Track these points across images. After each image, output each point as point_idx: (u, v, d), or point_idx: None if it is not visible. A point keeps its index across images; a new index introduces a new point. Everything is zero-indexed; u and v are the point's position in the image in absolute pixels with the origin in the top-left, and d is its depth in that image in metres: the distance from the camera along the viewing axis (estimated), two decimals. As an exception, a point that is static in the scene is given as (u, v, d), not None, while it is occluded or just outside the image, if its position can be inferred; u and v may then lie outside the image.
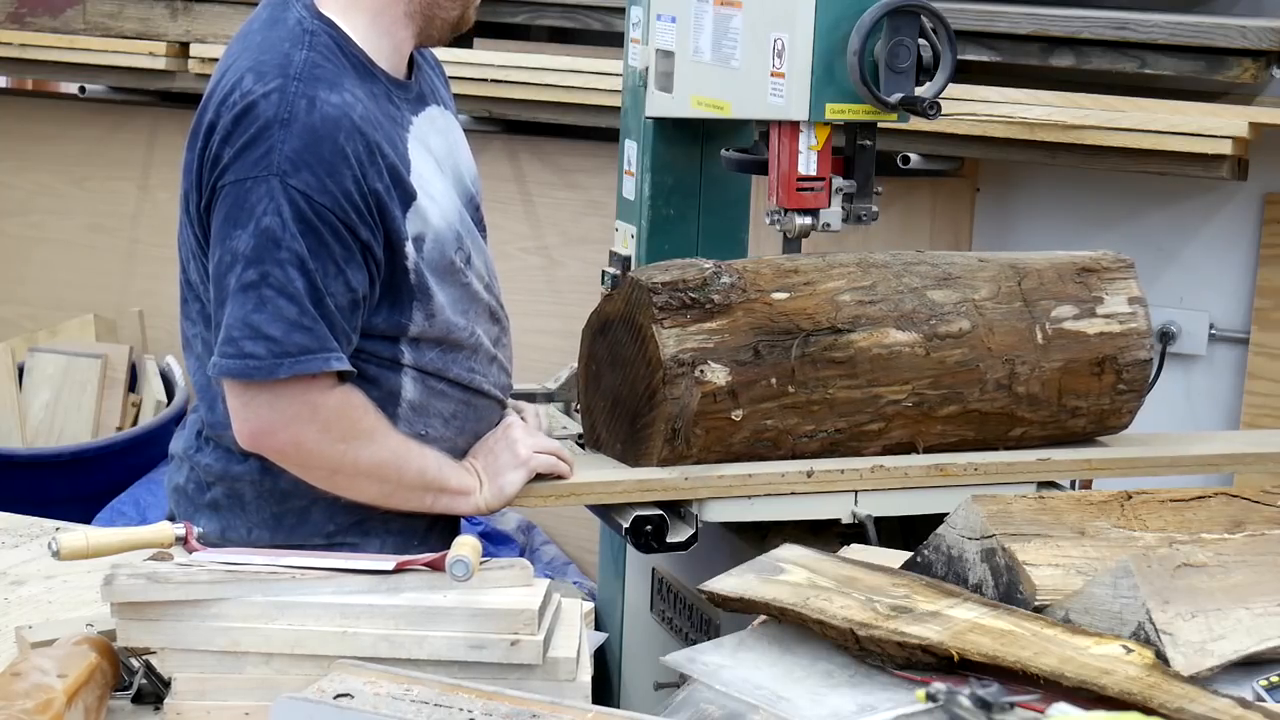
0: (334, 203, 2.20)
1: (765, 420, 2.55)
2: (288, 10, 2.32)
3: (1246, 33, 3.47)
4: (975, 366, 2.66)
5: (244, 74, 2.24)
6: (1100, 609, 1.79)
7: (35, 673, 1.70)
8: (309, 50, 2.26)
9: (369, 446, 2.29)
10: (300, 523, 2.36)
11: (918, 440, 2.66)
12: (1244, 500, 2.10)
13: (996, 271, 2.73)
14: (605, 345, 2.61)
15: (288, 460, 2.29)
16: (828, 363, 2.57)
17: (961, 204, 4.01)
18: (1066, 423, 2.75)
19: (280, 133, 2.19)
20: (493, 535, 4.06)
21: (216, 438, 2.38)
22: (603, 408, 2.63)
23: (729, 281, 2.54)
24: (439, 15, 2.39)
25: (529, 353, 4.12)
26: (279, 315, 2.18)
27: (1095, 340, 2.73)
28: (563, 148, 4.27)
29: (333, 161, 2.20)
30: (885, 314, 2.61)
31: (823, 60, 2.69)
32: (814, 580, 1.90)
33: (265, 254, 2.18)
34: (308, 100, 2.20)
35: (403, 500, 2.36)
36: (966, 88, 3.58)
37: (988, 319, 2.67)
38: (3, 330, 4.89)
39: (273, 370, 2.19)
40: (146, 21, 4.47)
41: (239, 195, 2.19)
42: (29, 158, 4.93)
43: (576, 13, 4.10)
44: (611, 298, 2.60)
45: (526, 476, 2.44)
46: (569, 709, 1.65)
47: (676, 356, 2.48)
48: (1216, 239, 3.82)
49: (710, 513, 2.53)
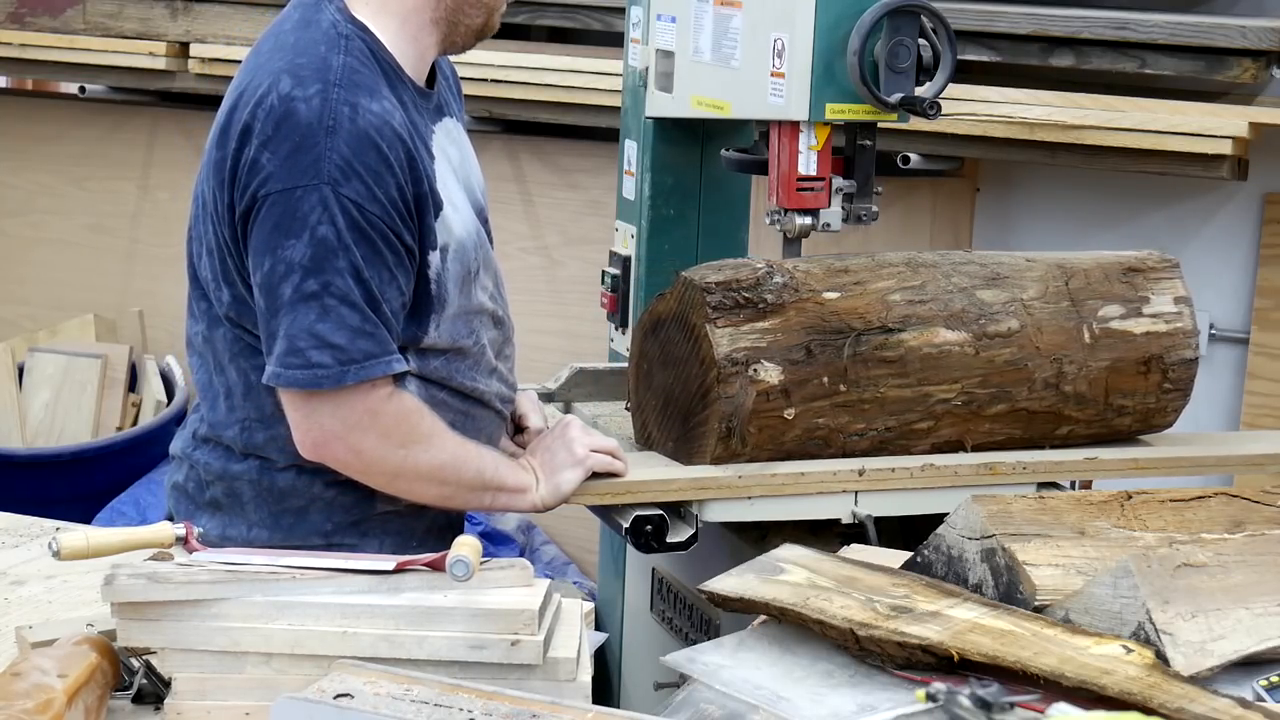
0: (383, 211, 2.21)
1: (817, 419, 2.56)
2: (320, 12, 2.30)
3: (1246, 33, 3.47)
4: (1024, 366, 2.67)
5: (280, 75, 2.23)
6: (1100, 609, 1.79)
7: (35, 673, 1.70)
8: (346, 55, 2.24)
9: (428, 450, 2.30)
10: (298, 521, 2.36)
11: (966, 439, 2.68)
12: (1244, 500, 2.10)
13: (1044, 271, 2.74)
14: (657, 344, 2.62)
15: (350, 468, 2.29)
16: (879, 362, 2.58)
17: (961, 204, 4.01)
18: (1113, 421, 2.77)
19: (327, 140, 2.18)
20: (493, 535, 4.06)
21: (215, 437, 2.38)
22: (654, 406, 2.65)
23: (781, 281, 2.55)
24: (463, 22, 2.38)
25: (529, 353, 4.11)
26: (343, 324, 2.20)
27: (1142, 339, 2.75)
28: (563, 148, 4.27)
29: (379, 170, 2.21)
30: (935, 313, 2.63)
31: (823, 60, 2.69)
32: (814, 580, 1.91)
33: (324, 264, 2.19)
34: (350, 107, 2.20)
35: (463, 501, 2.39)
36: (966, 88, 3.58)
37: (1036, 318, 2.69)
38: (3, 330, 4.89)
39: (340, 378, 2.20)
40: (146, 21, 4.47)
41: (289, 204, 2.19)
42: (29, 158, 4.94)
43: (576, 13, 4.11)
44: (664, 297, 2.61)
45: (583, 475, 2.46)
46: (569, 709, 1.65)
47: (730, 356, 2.49)
48: (1216, 239, 3.82)
49: (710, 513, 2.53)
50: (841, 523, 2.60)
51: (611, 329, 3.29)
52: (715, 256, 3.19)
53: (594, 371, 2.98)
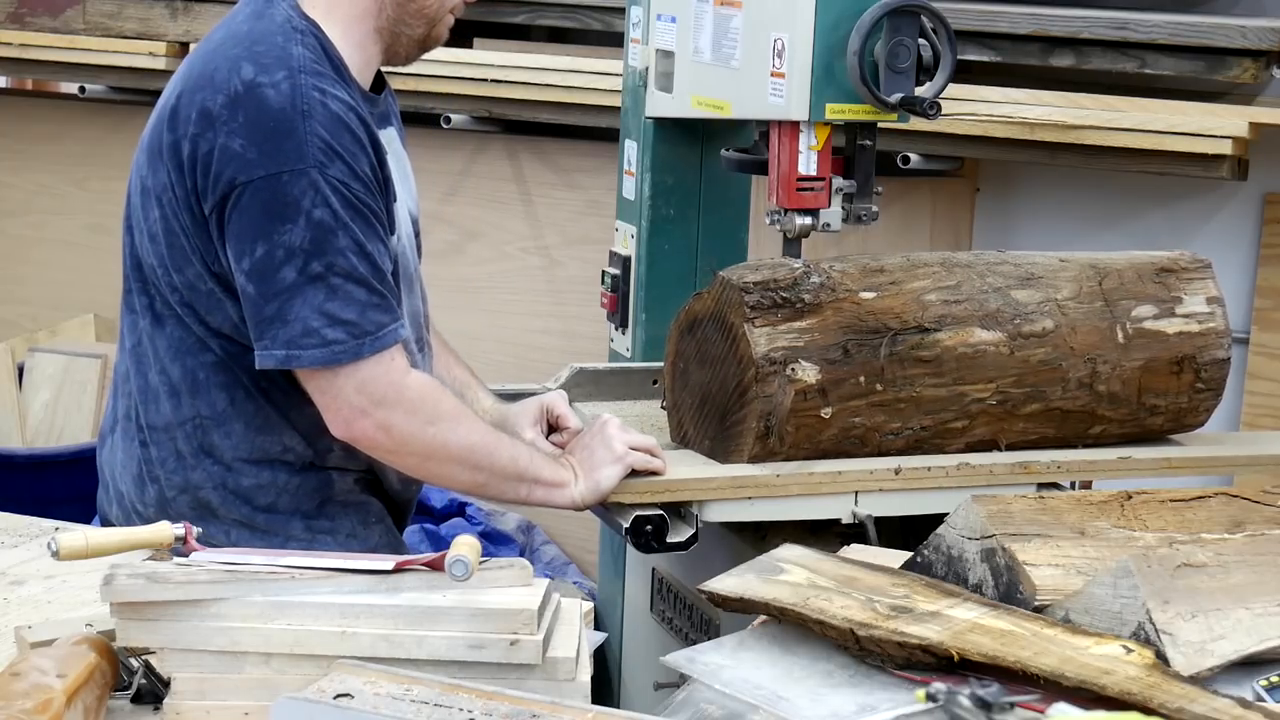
0: (364, 188, 2.27)
1: (853, 418, 2.57)
2: (273, 7, 2.34)
3: (1246, 33, 3.46)
4: (1058, 365, 2.68)
5: (239, 61, 2.26)
6: (1100, 609, 1.79)
7: (35, 673, 1.70)
8: (302, 47, 2.29)
9: (457, 429, 2.33)
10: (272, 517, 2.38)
11: (999, 438, 2.69)
12: (1244, 500, 2.11)
13: (1078, 271, 2.76)
14: (693, 343, 2.63)
15: (381, 447, 2.32)
16: (915, 361, 2.59)
17: (961, 204, 4.00)
18: (1145, 421, 2.78)
19: (305, 124, 2.22)
20: (493, 535, 4.06)
21: (166, 440, 2.38)
22: (690, 404, 2.66)
23: (819, 281, 2.57)
24: (405, 33, 2.41)
25: (529, 353, 4.13)
26: (351, 300, 2.24)
27: (1175, 340, 2.76)
28: (563, 148, 4.27)
29: (354, 150, 2.26)
30: (970, 313, 2.64)
31: (823, 60, 2.69)
32: (814, 580, 1.91)
33: (325, 244, 2.22)
34: (319, 91, 2.25)
35: (498, 490, 2.41)
36: (966, 88, 3.58)
37: (1070, 318, 2.70)
38: (3, 330, 4.89)
39: (358, 351, 2.25)
40: (146, 21, 4.47)
41: (275, 189, 2.22)
42: (29, 158, 4.93)
43: (576, 13, 4.10)
44: (701, 296, 2.62)
45: (623, 472, 2.46)
46: (569, 709, 1.65)
47: (768, 355, 2.50)
48: (1216, 239, 3.82)
49: (710, 513, 2.53)
50: (841, 523, 2.60)
51: (611, 329, 3.29)
52: (715, 256, 3.20)
53: (594, 371, 2.98)
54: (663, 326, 3.18)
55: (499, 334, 4.12)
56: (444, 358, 2.66)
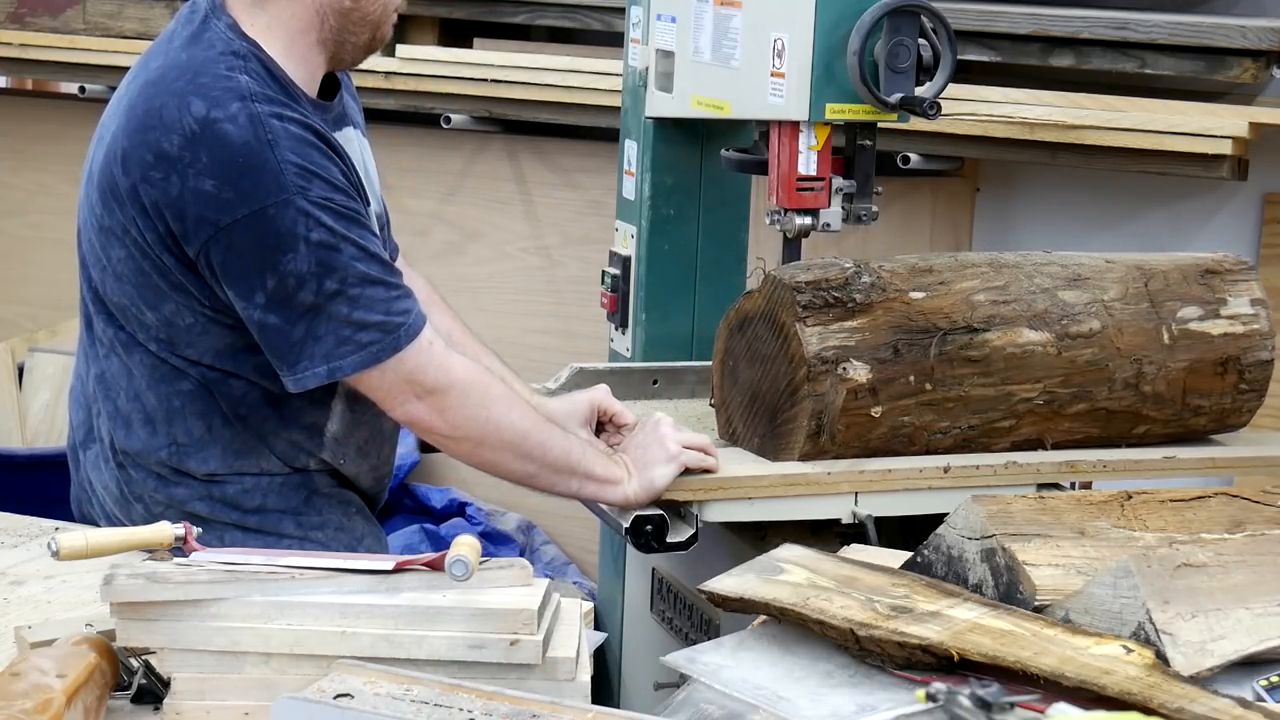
0: (344, 195, 2.27)
1: (903, 417, 2.59)
2: (209, 29, 2.30)
3: (1246, 33, 3.46)
4: (1105, 366, 2.70)
5: (186, 97, 2.22)
6: (1100, 609, 1.79)
7: (35, 673, 1.70)
8: (247, 75, 2.26)
9: (508, 414, 2.35)
10: (263, 519, 2.39)
11: (1045, 437, 2.70)
12: (1244, 500, 2.11)
13: (1124, 273, 2.77)
14: (743, 341, 2.64)
15: (436, 431, 2.34)
16: (964, 361, 2.61)
17: (961, 204, 4.00)
18: (1189, 421, 2.80)
19: (274, 153, 2.20)
20: (493, 535, 4.06)
21: (142, 463, 2.38)
22: (739, 403, 2.66)
23: (869, 281, 2.58)
24: (349, 40, 2.39)
25: (529, 353, 4.12)
26: (373, 302, 2.26)
27: (1219, 341, 2.78)
28: (563, 148, 4.27)
29: (325, 163, 2.26)
30: (1018, 314, 2.65)
31: (823, 60, 2.69)
32: (814, 580, 1.91)
33: (332, 262, 2.24)
34: (277, 117, 2.23)
35: (548, 482, 2.42)
36: (966, 88, 3.58)
37: (1117, 319, 2.72)
38: (3, 330, 4.88)
39: (395, 345, 2.27)
40: (146, 21, 4.47)
41: (264, 224, 2.21)
42: (29, 158, 4.93)
43: (576, 13, 4.10)
44: (751, 295, 2.63)
45: (676, 471, 2.47)
46: (569, 709, 1.65)
47: (820, 354, 2.52)
48: (1216, 239, 3.82)
49: (710, 513, 2.53)
50: (841, 523, 2.61)
51: (611, 329, 3.29)
52: (715, 256, 3.20)
53: (594, 372, 2.98)
54: (662, 326, 3.19)
55: (499, 334, 4.12)
56: (472, 349, 2.65)
